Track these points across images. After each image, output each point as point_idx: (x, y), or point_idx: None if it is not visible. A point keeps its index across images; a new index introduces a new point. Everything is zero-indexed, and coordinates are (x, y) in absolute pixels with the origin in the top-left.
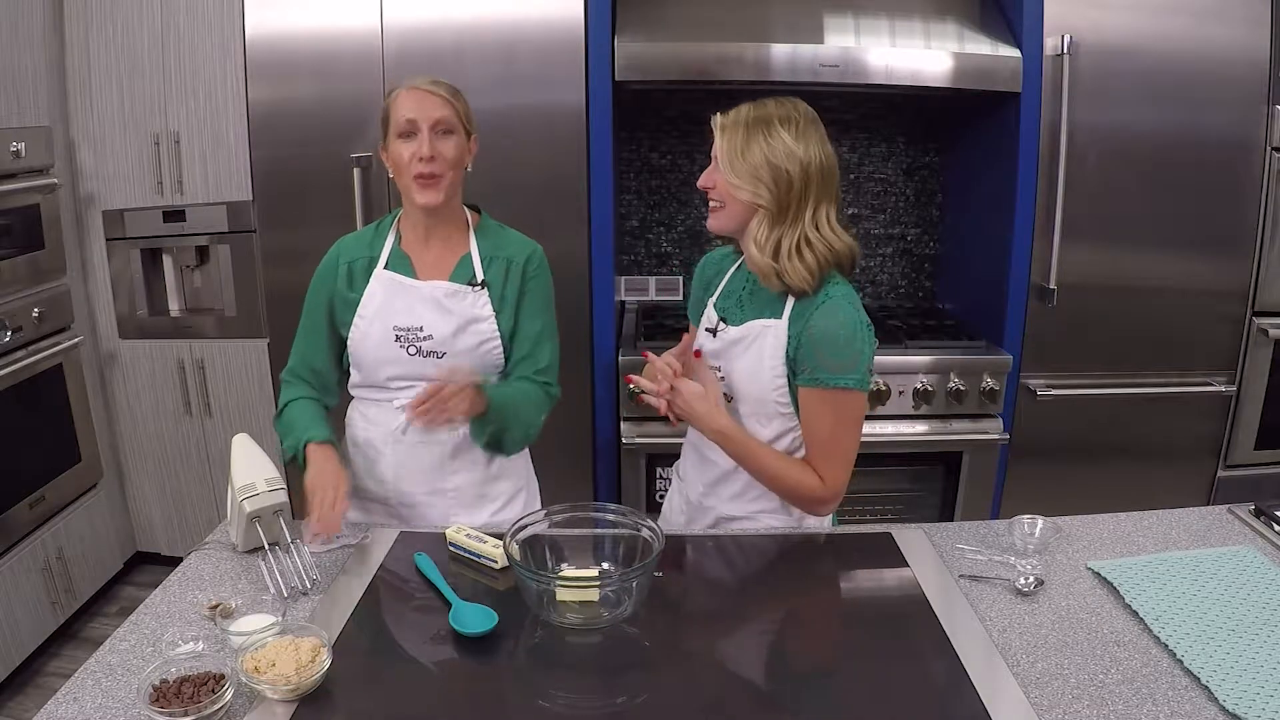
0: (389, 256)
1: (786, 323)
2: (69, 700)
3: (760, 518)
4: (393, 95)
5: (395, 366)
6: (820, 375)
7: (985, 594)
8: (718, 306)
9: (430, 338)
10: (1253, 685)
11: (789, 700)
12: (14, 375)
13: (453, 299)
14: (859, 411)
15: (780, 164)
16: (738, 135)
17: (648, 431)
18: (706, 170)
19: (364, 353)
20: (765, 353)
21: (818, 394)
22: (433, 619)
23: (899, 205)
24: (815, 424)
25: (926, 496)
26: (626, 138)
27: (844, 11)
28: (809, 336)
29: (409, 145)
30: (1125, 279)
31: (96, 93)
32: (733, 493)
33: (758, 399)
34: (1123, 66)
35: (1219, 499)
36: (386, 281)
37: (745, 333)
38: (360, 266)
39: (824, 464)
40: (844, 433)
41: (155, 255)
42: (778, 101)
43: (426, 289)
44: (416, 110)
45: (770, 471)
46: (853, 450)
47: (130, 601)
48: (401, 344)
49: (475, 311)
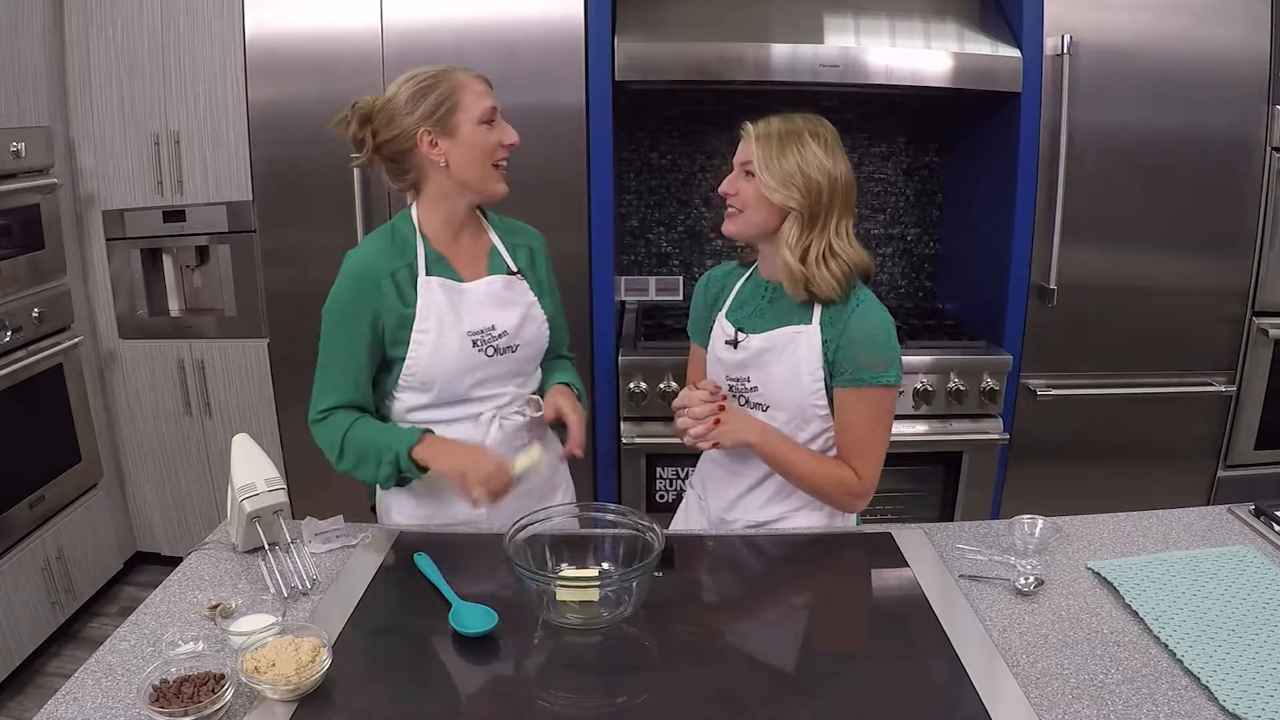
0: (426, 262)
1: (818, 328)
2: (69, 700)
3: (791, 517)
4: (445, 81)
5: (477, 373)
6: (862, 375)
7: (985, 594)
8: (732, 319)
9: (504, 334)
10: (1253, 685)
11: (789, 700)
12: (14, 375)
13: (510, 290)
14: (892, 407)
15: (812, 174)
16: (772, 143)
17: (648, 431)
18: (729, 177)
19: (442, 366)
20: (800, 358)
21: (857, 393)
22: (433, 619)
23: (899, 205)
24: (853, 422)
25: (926, 496)
26: (626, 138)
27: (844, 11)
28: (848, 339)
29: (494, 132)
30: (1125, 279)
31: (96, 93)
32: (761, 501)
33: (797, 405)
34: (1123, 66)
35: (1219, 499)
36: (439, 288)
37: (773, 340)
38: (405, 278)
39: (860, 460)
40: (880, 429)
41: (155, 255)
42: (805, 117)
43: (483, 286)
44: (492, 100)
45: (807, 472)
46: (885, 445)
47: (130, 601)
48: (479, 348)
49: (528, 298)
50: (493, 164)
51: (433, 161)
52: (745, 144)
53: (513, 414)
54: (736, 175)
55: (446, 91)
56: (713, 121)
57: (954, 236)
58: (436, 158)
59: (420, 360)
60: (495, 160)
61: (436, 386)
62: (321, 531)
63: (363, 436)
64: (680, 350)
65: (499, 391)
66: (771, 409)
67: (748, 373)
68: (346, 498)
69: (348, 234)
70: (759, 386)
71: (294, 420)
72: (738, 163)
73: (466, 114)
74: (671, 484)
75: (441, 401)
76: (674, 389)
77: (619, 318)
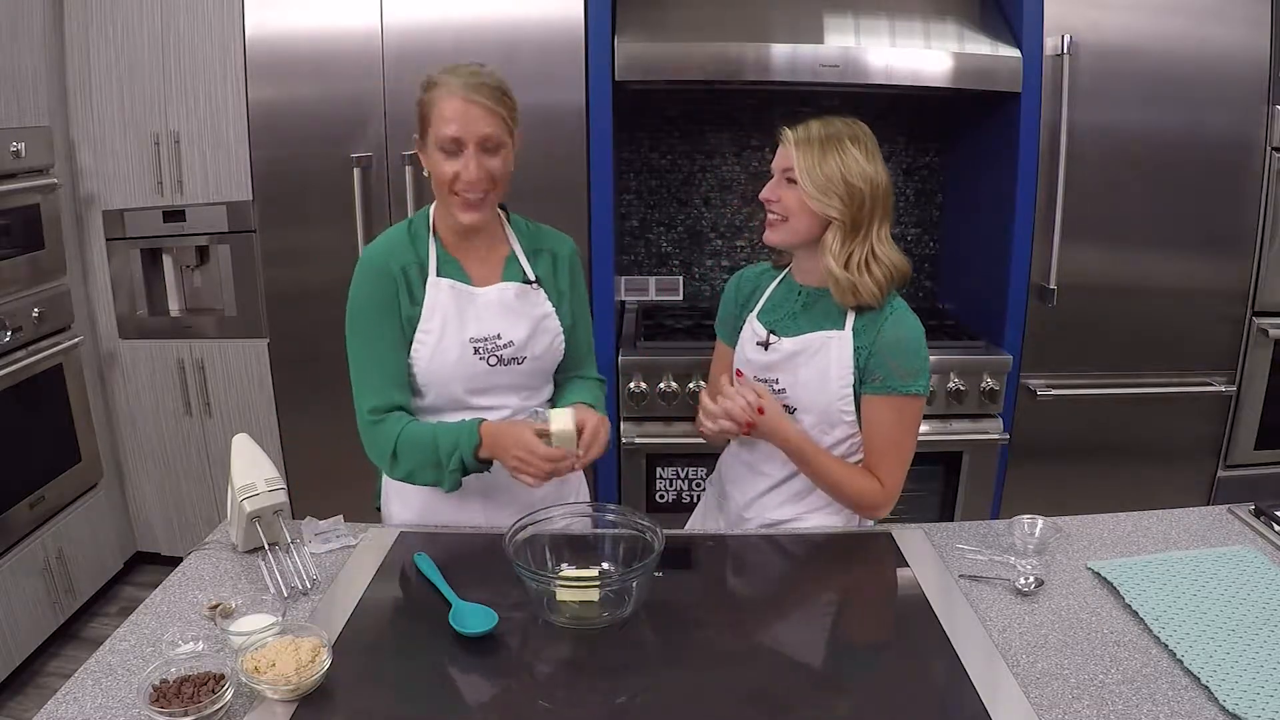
0: (438, 262)
1: (850, 334)
2: (69, 700)
3: (808, 518)
4: (432, 90)
5: (476, 381)
6: (892, 383)
7: (985, 594)
8: (764, 321)
9: (510, 344)
10: (1253, 685)
11: (789, 700)
12: (14, 375)
13: (522, 300)
14: (920, 415)
15: (854, 180)
16: (813, 150)
17: (647, 431)
18: (770, 184)
19: (438, 370)
20: (831, 363)
21: (886, 401)
22: (433, 619)
23: (899, 205)
24: (880, 430)
25: (926, 496)
26: (626, 138)
27: (844, 11)
28: (881, 346)
29: (452, 163)
30: (1125, 279)
31: (96, 93)
32: (782, 499)
33: (823, 409)
34: (1123, 66)
35: (1219, 499)
36: (448, 291)
37: (805, 345)
38: (415, 275)
39: (884, 468)
40: (906, 437)
41: (155, 255)
42: (844, 121)
43: (494, 293)
44: (461, 126)
45: (835, 478)
46: (911, 453)
47: (130, 601)
48: (480, 355)
49: (542, 309)
50: (451, 191)
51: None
52: (784, 149)
53: None
54: (778, 182)
55: (427, 103)
56: (713, 121)
57: (954, 236)
58: (425, 167)
59: (419, 362)
60: (454, 189)
61: (432, 391)
62: (321, 531)
63: (418, 442)
64: (680, 350)
65: (501, 403)
66: (799, 411)
67: (776, 374)
68: (347, 498)
69: (348, 234)
70: (787, 389)
71: (294, 420)
72: (778, 169)
73: (433, 134)
74: (671, 484)
75: (437, 407)
76: (674, 389)
77: (619, 318)
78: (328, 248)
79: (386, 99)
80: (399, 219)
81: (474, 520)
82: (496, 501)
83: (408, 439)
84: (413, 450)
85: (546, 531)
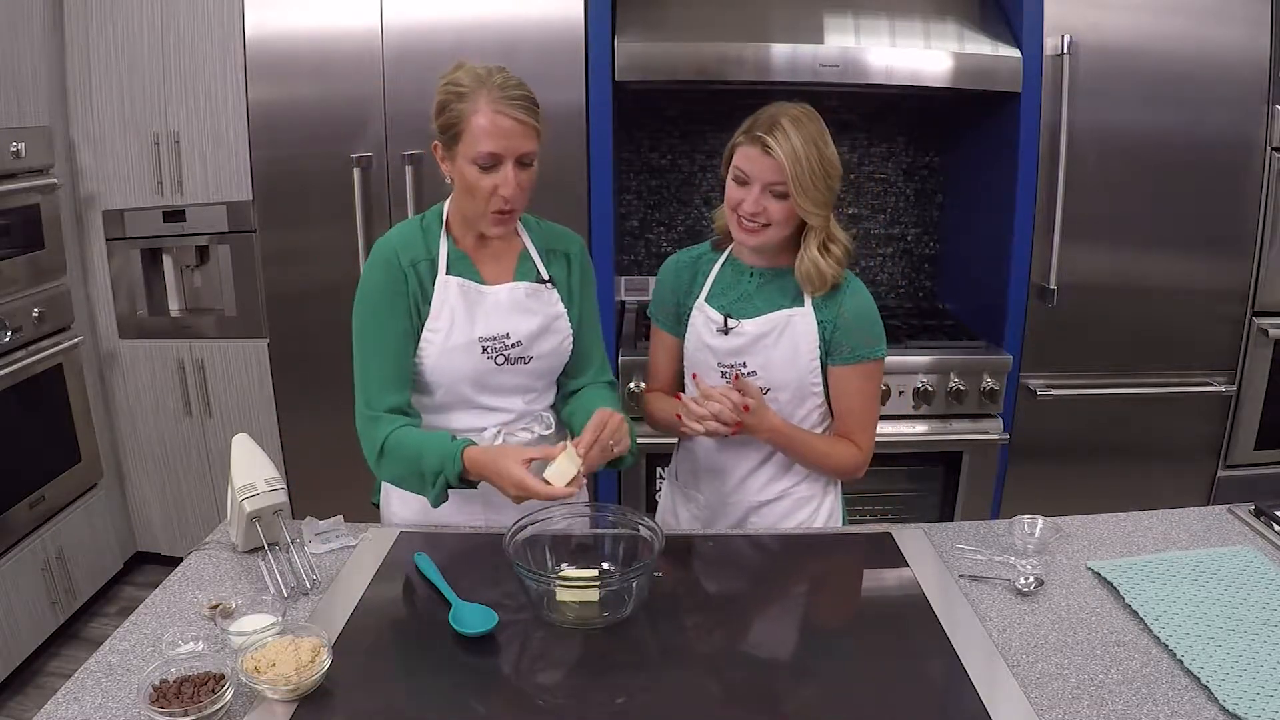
0: (449, 260)
1: (811, 309)
2: (69, 700)
3: (792, 492)
4: (464, 100)
5: (483, 380)
6: (860, 351)
7: (985, 594)
8: (715, 305)
9: (519, 344)
10: (1253, 685)
11: (789, 699)
12: (14, 375)
13: (534, 299)
14: (881, 377)
15: (834, 183)
16: (802, 165)
17: (647, 432)
18: (753, 197)
19: (446, 368)
20: (799, 339)
21: (855, 369)
22: (433, 619)
23: (899, 205)
24: (851, 397)
25: (926, 496)
26: (626, 138)
27: (844, 11)
28: (845, 319)
29: (489, 178)
30: (1125, 279)
31: (96, 93)
32: (765, 479)
33: (796, 385)
34: (1123, 66)
35: (1219, 499)
36: (456, 289)
37: (770, 324)
38: (425, 271)
39: (859, 432)
40: (874, 400)
41: (155, 255)
42: (805, 113)
43: (505, 292)
44: (502, 143)
45: (819, 454)
46: (878, 413)
47: (130, 601)
48: (489, 355)
49: (554, 309)
50: (493, 211)
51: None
52: (769, 161)
53: (519, 431)
54: (762, 195)
55: (458, 115)
56: (713, 121)
57: (954, 236)
58: (445, 171)
59: (427, 360)
60: (495, 209)
61: (440, 390)
62: (321, 531)
63: (403, 455)
64: None
65: (505, 405)
66: (773, 390)
67: (744, 358)
68: (347, 498)
69: (348, 234)
70: (758, 370)
71: (294, 420)
72: (762, 182)
73: (466, 147)
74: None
75: (445, 405)
76: None
77: (619, 318)
78: (328, 248)
79: (386, 99)
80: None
81: (474, 520)
82: (496, 502)
83: (395, 447)
84: (398, 460)
85: (546, 532)
